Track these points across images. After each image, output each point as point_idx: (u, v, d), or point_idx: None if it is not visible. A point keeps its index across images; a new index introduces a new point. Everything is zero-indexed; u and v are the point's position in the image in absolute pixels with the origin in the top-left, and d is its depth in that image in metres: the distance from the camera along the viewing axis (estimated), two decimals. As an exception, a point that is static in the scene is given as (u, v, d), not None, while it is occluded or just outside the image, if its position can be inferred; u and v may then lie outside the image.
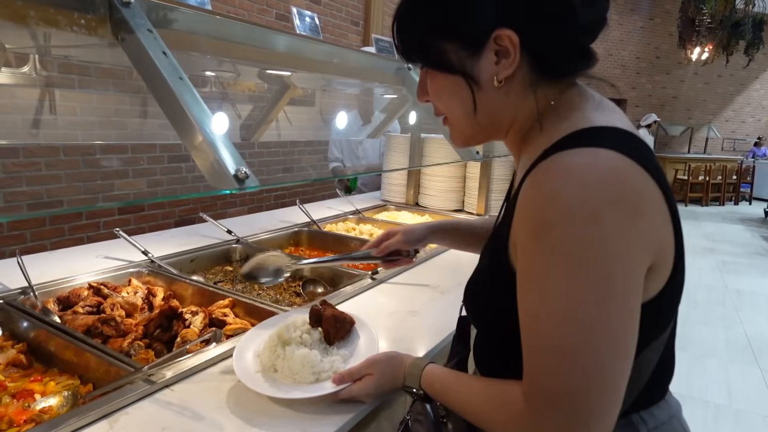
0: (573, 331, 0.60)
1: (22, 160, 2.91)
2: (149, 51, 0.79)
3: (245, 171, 0.77)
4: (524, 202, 0.66)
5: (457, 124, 0.79)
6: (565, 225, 0.59)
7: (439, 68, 0.73)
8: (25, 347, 1.17)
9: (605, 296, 0.59)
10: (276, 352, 1.01)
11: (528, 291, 0.65)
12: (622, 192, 0.59)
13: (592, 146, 0.62)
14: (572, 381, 0.60)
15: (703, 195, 10.94)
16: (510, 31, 0.67)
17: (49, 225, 3.10)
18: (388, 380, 0.90)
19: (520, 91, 0.72)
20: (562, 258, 0.60)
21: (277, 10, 4.48)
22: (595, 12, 0.68)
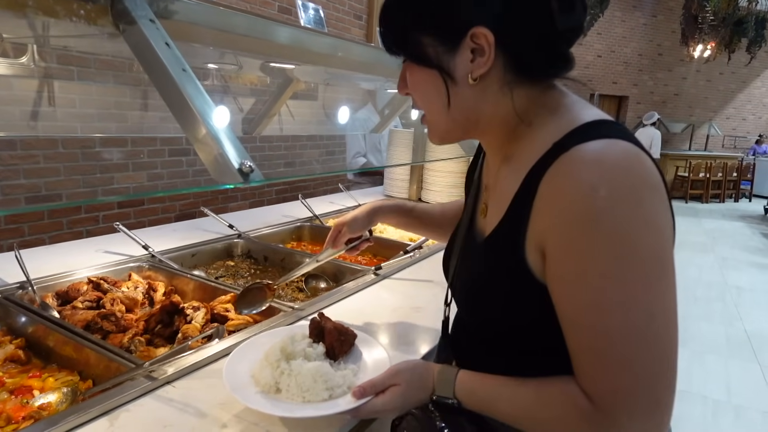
0: (643, 318, 0.60)
1: (20, 152, 2.89)
2: (152, 42, 0.77)
3: (250, 165, 0.75)
4: (555, 199, 0.64)
5: (433, 119, 0.80)
6: (614, 211, 0.60)
7: (417, 61, 0.75)
8: (23, 342, 1.15)
9: (660, 274, 0.61)
10: (279, 367, 0.88)
11: (580, 286, 0.63)
12: (650, 177, 0.62)
13: (609, 137, 0.63)
14: (648, 368, 0.61)
15: (704, 192, 10.92)
16: (486, 30, 0.68)
17: (47, 219, 3.08)
18: (416, 391, 0.81)
19: (496, 90, 0.73)
20: (614, 245, 0.60)
21: (280, 2, 4.45)
22: (572, 19, 0.69)
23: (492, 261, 0.77)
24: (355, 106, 3.46)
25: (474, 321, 0.86)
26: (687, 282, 5.44)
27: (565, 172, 0.64)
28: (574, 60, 0.74)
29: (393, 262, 1.72)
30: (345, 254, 1.36)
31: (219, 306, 1.32)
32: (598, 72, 12.54)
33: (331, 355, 0.94)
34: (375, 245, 2.06)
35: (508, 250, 0.72)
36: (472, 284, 0.83)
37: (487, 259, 0.79)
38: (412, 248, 1.81)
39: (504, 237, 0.74)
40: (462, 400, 0.77)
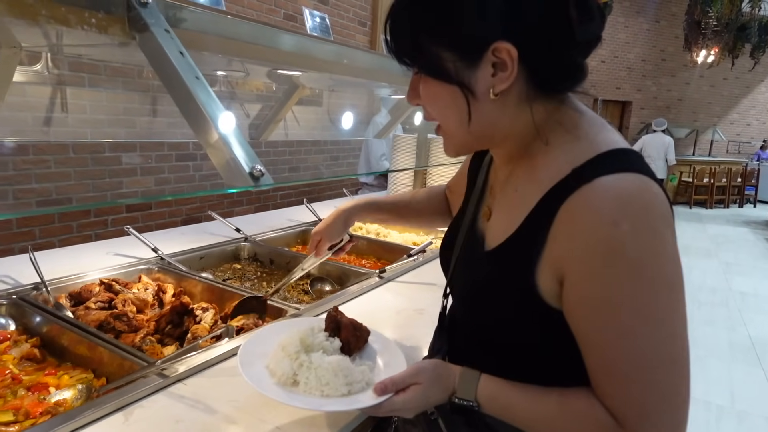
0: (667, 341, 0.64)
1: (32, 157, 2.94)
2: (167, 51, 0.80)
3: (260, 169, 0.78)
4: (578, 231, 0.65)
5: (450, 133, 0.78)
6: (636, 244, 0.63)
7: (435, 76, 0.72)
8: (39, 341, 1.19)
9: (678, 300, 0.65)
10: (299, 359, 0.87)
11: (603, 314, 0.65)
12: (664, 209, 0.65)
13: (629, 171, 0.65)
14: (669, 389, 0.64)
15: (708, 197, 10.90)
16: (509, 44, 0.66)
17: (57, 222, 3.13)
18: (437, 391, 0.79)
19: (516, 104, 0.73)
20: (637, 275, 0.63)
21: (285, 10, 4.50)
22: (591, 29, 0.69)
23: (497, 273, 0.78)
24: (359, 112, 3.50)
25: (472, 321, 0.88)
26: (691, 287, 5.43)
27: (588, 205, 0.65)
28: (587, 72, 0.74)
29: (397, 265, 1.75)
30: (331, 257, 1.34)
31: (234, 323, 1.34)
32: (602, 77, 12.57)
33: (347, 350, 0.93)
34: (379, 249, 2.10)
35: (518, 268, 0.73)
36: (474, 290, 0.84)
37: (492, 271, 0.79)
38: (415, 252, 1.84)
39: (514, 254, 0.75)
40: (482, 404, 0.76)
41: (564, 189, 0.67)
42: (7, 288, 1.37)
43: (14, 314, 1.28)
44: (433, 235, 2.26)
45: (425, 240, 2.05)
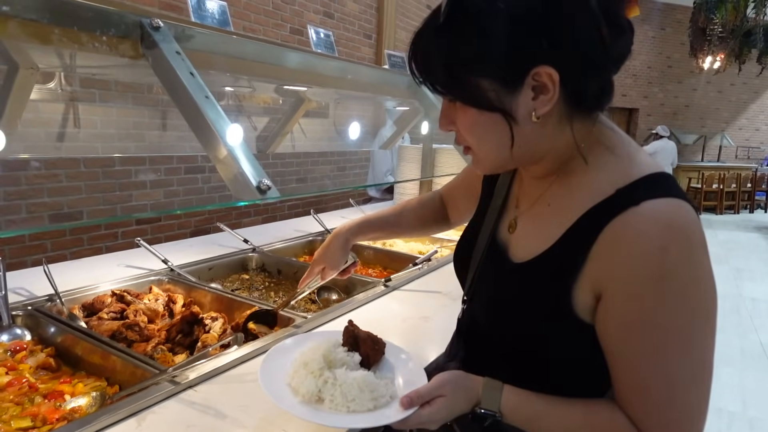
0: (698, 365, 0.68)
1: (44, 172, 3.00)
2: (178, 72, 0.85)
3: (267, 183, 0.82)
4: (625, 253, 0.67)
5: (487, 155, 0.78)
6: (680, 271, 0.65)
7: (474, 105, 0.71)
8: (54, 351, 1.22)
9: (711, 330, 0.68)
10: (323, 375, 0.86)
11: (649, 333, 0.68)
12: (703, 237, 0.68)
13: (674, 196, 0.68)
14: (693, 408, 0.68)
15: (718, 203, 10.83)
16: (550, 68, 0.66)
17: (69, 235, 3.19)
18: (461, 402, 0.79)
19: (556, 124, 0.73)
20: (683, 300, 0.66)
21: (292, 24, 4.58)
22: (623, 43, 0.70)
23: (528, 288, 0.78)
24: (365, 123, 3.55)
25: (495, 332, 0.88)
26: (701, 294, 5.39)
27: (636, 228, 0.67)
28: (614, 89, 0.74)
29: (402, 274, 1.78)
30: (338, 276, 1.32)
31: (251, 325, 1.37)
32: (608, 85, 12.56)
33: (366, 364, 0.92)
34: (385, 258, 2.13)
35: (553, 283, 0.74)
36: (501, 303, 0.84)
37: (523, 285, 0.80)
38: (421, 260, 1.87)
39: (549, 269, 0.75)
40: (506, 415, 0.77)
41: (608, 209, 0.69)
42: (23, 300, 1.41)
43: (30, 325, 1.32)
44: (438, 244, 2.29)
45: (430, 249, 2.07)
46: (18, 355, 1.18)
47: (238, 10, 4.05)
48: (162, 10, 3.40)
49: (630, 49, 0.71)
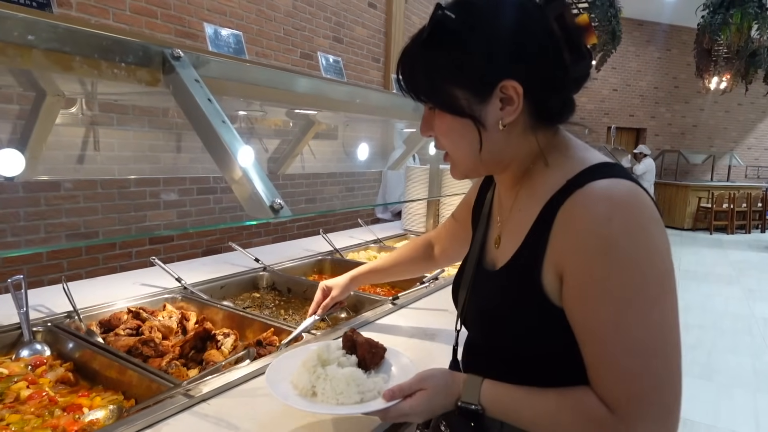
0: (655, 332, 0.70)
1: (63, 193, 3.09)
2: (197, 98, 0.90)
3: (279, 202, 0.87)
4: (573, 229, 0.74)
5: (460, 159, 0.87)
6: (627, 239, 0.70)
7: (449, 111, 0.81)
8: (72, 366, 1.27)
9: (668, 293, 0.71)
10: (316, 372, 0.95)
11: (597, 305, 0.72)
12: (652, 211, 0.73)
13: (616, 177, 0.74)
14: (660, 377, 0.70)
15: (728, 223, 10.76)
16: (515, 82, 0.76)
17: (85, 255, 3.26)
18: (442, 396, 0.85)
19: (520, 133, 0.82)
20: (630, 269, 0.69)
21: (302, 49, 4.70)
22: (582, 67, 0.79)
23: (510, 287, 0.84)
24: (373, 144, 3.61)
25: (490, 345, 0.92)
26: (713, 315, 5.34)
27: (582, 204, 0.73)
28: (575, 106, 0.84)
29: (410, 292, 1.81)
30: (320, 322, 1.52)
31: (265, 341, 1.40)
32: (615, 105, 12.65)
33: (363, 366, 0.99)
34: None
35: (526, 274, 0.80)
36: (488, 311, 0.89)
37: (504, 286, 0.85)
38: (428, 279, 1.90)
39: (522, 262, 0.82)
40: (486, 407, 0.81)
41: (560, 197, 0.77)
42: (42, 316, 1.46)
43: (49, 341, 1.36)
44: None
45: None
46: (38, 370, 1.22)
47: (251, 36, 4.17)
48: (178, 37, 3.52)
49: (589, 72, 0.80)
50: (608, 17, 7.55)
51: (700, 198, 11.20)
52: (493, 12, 0.77)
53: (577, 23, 0.77)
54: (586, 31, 0.78)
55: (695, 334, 4.80)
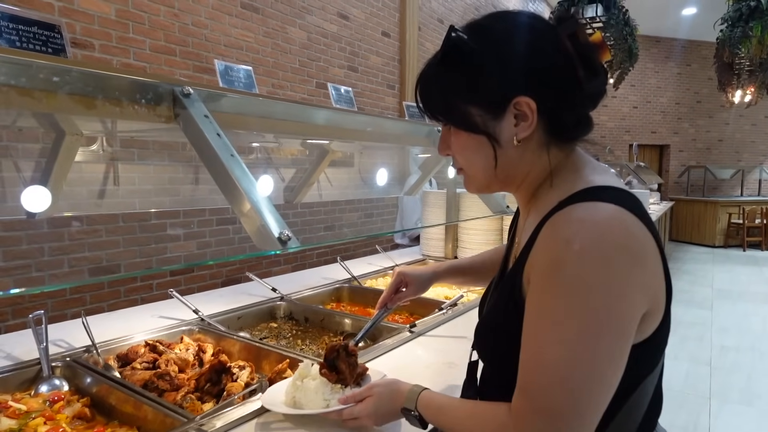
0: (567, 359, 0.67)
1: (86, 227, 3.16)
2: (206, 133, 0.92)
3: (287, 233, 0.86)
4: (541, 246, 0.74)
5: (475, 175, 0.89)
6: (577, 265, 0.68)
7: (464, 128, 0.83)
8: (89, 401, 1.27)
9: (601, 332, 0.67)
10: (295, 384, 1.12)
11: (532, 318, 0.72)
12: (627, 240, 0.69)
13: (597, 200, 0.72)
14: (559, 401, 0.67)
15: (762, 239, 10.42)
16: (529, 98, 0.77)
17: (107, 288, 3.31)
18: (386, 401, 0.96)
19: (534, 150, 0.83)
20: (569, 293, 0.68)
21: (317, 79, 4.79)
22: (597, 83, 0.79)
23: (498, 302, 0.88)
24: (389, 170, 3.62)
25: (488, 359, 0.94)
26: (751, 336, 5.12)
27: (553, 225, 0.74)
28: (593, 123, 0.85)
29: (428, 319, 1.78)
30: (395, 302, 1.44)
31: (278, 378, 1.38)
32: (636, 122, 12.51)
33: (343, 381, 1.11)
34: (412, 304, 2.12)
35: (512, 287, 0.82)
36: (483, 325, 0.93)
37: (495, 301, 0.90)
38: (446, 306, 1.87)
39: (511, 278, 0.84)
40: (421, 412, 0.89)
41: (548, 216, 0.77)
42: (62, 351, 1.47)
43: (68, 376, 1.37)
44: (465, 289, 2.28)
45: (456, 294, 2.07)
46: (56, 405, 1.22)
47: (267, 69, 4.27)
48: (196, 73, 3.63)
49: (604, 89, 0.81)
50: (624, 35, 7.53)
51: (731, 214, 10.90)
52: (504, 32, 0.80)
53: (591, 41, 0.79)
54: (600, 48, 0.79)
55: (732, 357, 4.60)
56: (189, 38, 3.61)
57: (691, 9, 10.41)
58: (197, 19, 3.67)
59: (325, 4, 4.85)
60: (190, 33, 3.62)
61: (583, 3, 7.12)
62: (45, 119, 1.29)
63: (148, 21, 3.36)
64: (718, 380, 4.09)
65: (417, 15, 6.07)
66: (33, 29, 0.84)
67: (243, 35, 4.04)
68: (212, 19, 3.78)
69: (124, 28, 3.22)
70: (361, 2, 5.33)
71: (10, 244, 2.80)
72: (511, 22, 0.81)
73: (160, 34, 3.44)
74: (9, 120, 1.31)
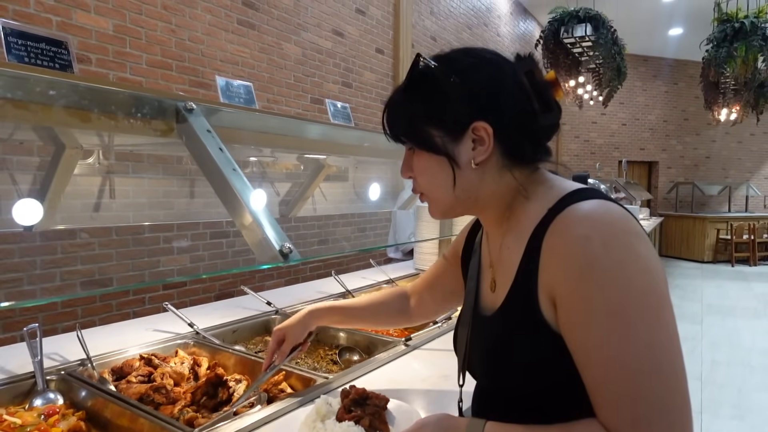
0: (644, 350, 0.67)
1: (79, 240, 3.15)
2: (208, 148, 0.93)
3: (289, 246, 0.88)
4: (558, 255, 0.75)
5: (437, 198, 0.91)
6: (606, 256, 0.70)
7: (425, 148, 0.87)
8: (84, 415, 1.26)
9: (659, 309, 0.69)
10: (315, 427, 0.99)
11: (588, 328, 0.71)
12: (633, 226, 0.74)
13: (593, 198, 0.77)
14: (660, 398, 0.67)
15: (750, 254, 10.54)
16: (486, 124, 0.82)
17: (99, 301, 3.29)
18: None
19: (495, 173, 0.87)
20: (612, 286, 0.69)
21: (312, 95, 4.84)
22: (550, 117, 0.85)
23: (511, 324, 0.84)
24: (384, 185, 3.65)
25: (498, 386, 0.91)
26: (741, 350, 5.17)
27: (562, 228, 0.76)
28: (552, 151, 0.90)
29: (423, 333, 1.79)
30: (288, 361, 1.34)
31: (274, 388, 1.37)
32: (624, 139, 12.69)
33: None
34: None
35: (525, 308, 0.80)
36: (492, 352, 0.88)
37: (506, 325, 0.85)
38: (441, 319, 1.88)
39: (518, 298, 0.82)
40: None
41: (543, 226, 0.79)
42: (56, 364, 1.46)
43: (63, 389, 1.36)
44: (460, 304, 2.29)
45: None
46: (51, 419, 1.22)
47: (262, 84, 4.31)
48: (192, 87, 3.65)
49: (557, 122, 0.86)
50: (612, 54, 7.68)
51: (719, 230, 11.04)
52: (468, 64, 0.85)
53: (545, 79, 0.85)
54: (553, 86, 0.85)
55: (723, 372, 4.63)
56: (185, 53, 3.65)
57: (678, 29, 10.66)
58: (194, 35, 3.71)
59: (320, 21, 4.92)
60: (187, 48, 3.66)
61: (572, 23, 7.26)
62: (45, 132, 1.30)
63: (145, 36, 3.39)
64: (709, 395, 4.11)
65: (410, 33, 6.17)
66: (41, 45, 0.87)
67: (239, 51, 4.08)
68: (209, 35, 3.82)
69: (121, 42, 3.25)
70: (355, 20, 5.41)
71: (2, 257, 2.78)
72: (475, 56, 0.86)
73: (157, 49, 3.47)
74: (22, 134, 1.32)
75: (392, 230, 4.37)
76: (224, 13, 3.93)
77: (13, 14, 2.72)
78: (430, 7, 6.74)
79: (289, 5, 4.54)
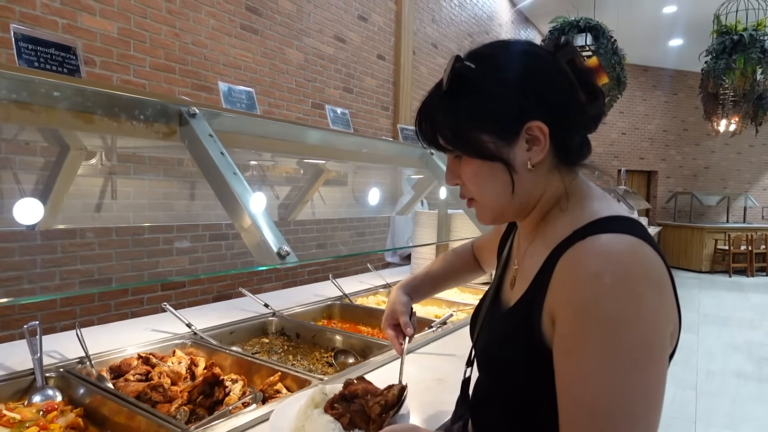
0: (620, 400, 0.66)
1: (78, 240, 3.17)
2: (210, 152, 0.96)
3: (286, 249, 0.90)
4: (567, 280, 0.73)
5: (489, 204, 0.87)
6: (611, 300, 0.68)
7: (478, 156, 0.82)
8: (82, 412, 1.28)
9: (645, 364, 0.67)
10: (306, 413, 1.04)
11: (571, 360, 0.71)
12: (652, 272, 0.71)
13: (620, 232, 0.73)
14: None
15: (748, 265, 10.57)
16: (540, 122, 0.79)
17: (97, 301, 3.30)
18: None
19: (546, 173, 0.85)
20: (608, 330, 0.67)
21: (313, 100, 4.87)
22: (597, 106, 0.83)
23: (512, 329, 0.85)
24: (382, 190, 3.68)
25: (493, 386, 0.93)
26: (736, 361, 5.18)
27: (576, 258, 0.73)
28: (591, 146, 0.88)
29: (418, 336, 1.81)
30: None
31: (270, 389, 1.40)
32: (624, 148, 12.74)
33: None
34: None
35: (527, 317, 0.80)
36: (493, 350, 0.90)
37: (508, 327, 0.86)
38: (436, 324, 1.90)
39: (525, 305, 0.82)
40: None
41: (564, 246, 0.76)
42: (55, 362, 1.49)
43: (61, 386, 1.39)
44: (455, 308, 2.32)
45: (446, 312, 2.10)
46: (49, 415, 1.24)
47: (264, 88, 4.35)
48: (194, 91, 3.69)
49: (603, 110, 0.84)
50: (612, 64, 7.73)
51: (717, 240, 11.06)
52: (508, 59, 0.82)
53: (588, 66, 0.83)
54: (596, 72, 0.83)
55: (718, 382, 4.65)
56: (189, 57, 3.68)
57: (678, 40, 10.73)
58: (197, 39, 3.75)
59: (322, 27, 4.96)
60: (190, 52, 3.69)
61: (573, 32, 7.32)
62: (50, 134, 1.32)
63: (149, 39, 3.42)
64: (704, 405, 4.13)
65: (411, 39, 6.21)
66: (50, 50, 0.89)
67: (242, 55, 4.12)
68: (212, 39, 3.85)
69: (125, 45, 3.28)
70: (357, 26, 5.45)
71: (3, 255, 2.80)
72: (513, 49, 0.83)
73: (161, 52, 3.50)
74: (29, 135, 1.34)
75: (390, 235, 4.40)
76: (228, 17, 3.97)
77: (19, 16, 2.76)
78: (432, 14, 6.79)
79: (293, 11, 4.59)
